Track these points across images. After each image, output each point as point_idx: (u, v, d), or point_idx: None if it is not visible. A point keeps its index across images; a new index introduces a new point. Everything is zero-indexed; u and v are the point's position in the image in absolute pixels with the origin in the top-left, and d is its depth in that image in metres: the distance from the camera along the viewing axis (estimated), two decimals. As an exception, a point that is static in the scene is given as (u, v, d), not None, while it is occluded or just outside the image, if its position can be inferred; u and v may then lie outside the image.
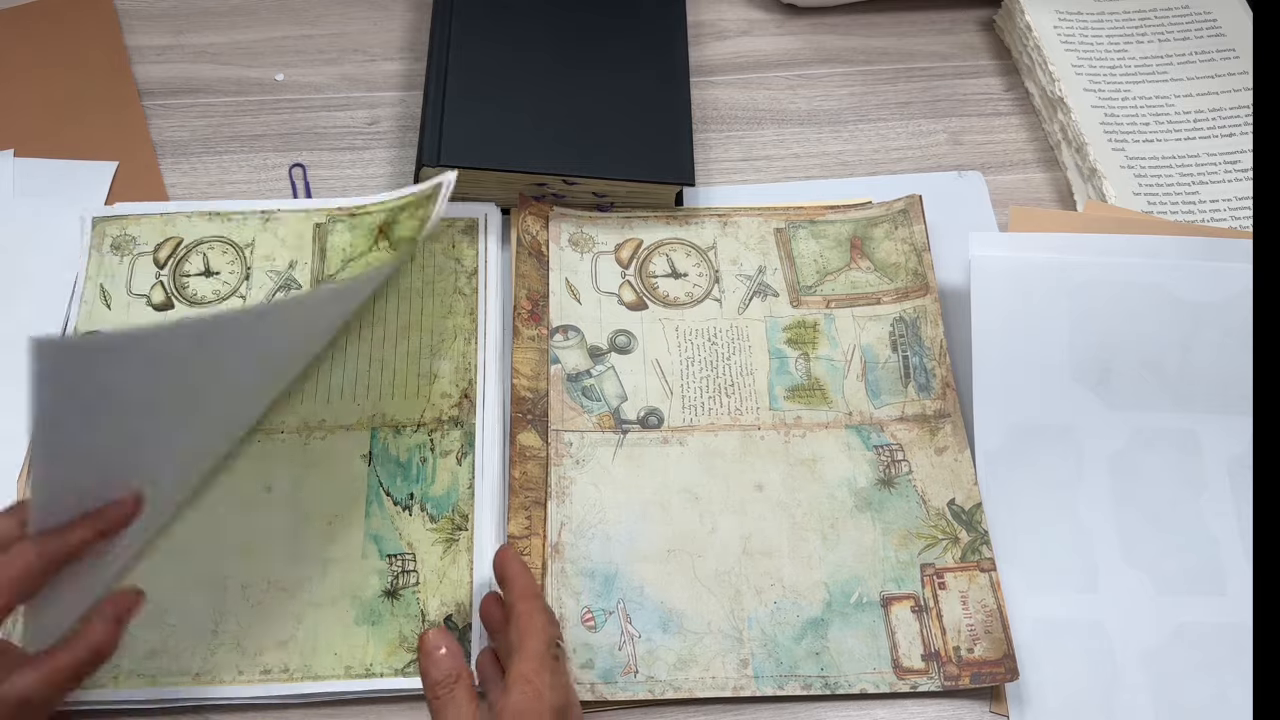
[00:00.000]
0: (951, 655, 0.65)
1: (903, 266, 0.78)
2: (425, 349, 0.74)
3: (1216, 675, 0.65)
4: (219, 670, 0.63)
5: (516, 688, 0.53)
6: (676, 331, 0.76)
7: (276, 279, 0.77)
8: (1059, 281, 0.74)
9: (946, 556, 0.68)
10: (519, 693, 0.53)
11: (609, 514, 0.69)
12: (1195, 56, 0.89)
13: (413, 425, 0.72)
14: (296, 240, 0.78)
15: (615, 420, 0.72)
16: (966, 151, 0.87)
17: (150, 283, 0.76)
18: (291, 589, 0.66)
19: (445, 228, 0.79)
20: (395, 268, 0.72)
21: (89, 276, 0.76)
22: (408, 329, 0.75)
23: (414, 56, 0.91)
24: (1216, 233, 0.77)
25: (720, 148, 0.87)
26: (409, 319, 0.75)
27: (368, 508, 0.69)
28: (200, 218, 0.79)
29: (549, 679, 0.54)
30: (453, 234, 0.79)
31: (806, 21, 0.95)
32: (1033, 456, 0.71)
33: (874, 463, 0.71)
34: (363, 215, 0.79)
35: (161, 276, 0.77)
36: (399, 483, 0.69)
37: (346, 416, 0.72)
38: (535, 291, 0.76)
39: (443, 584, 0.66)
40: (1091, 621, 0.67)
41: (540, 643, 0.55)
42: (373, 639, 0.65)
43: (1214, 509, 0.70)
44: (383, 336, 0.75)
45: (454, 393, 0.73)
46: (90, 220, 0.79)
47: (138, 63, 0.89)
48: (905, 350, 0.75)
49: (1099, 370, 0.73)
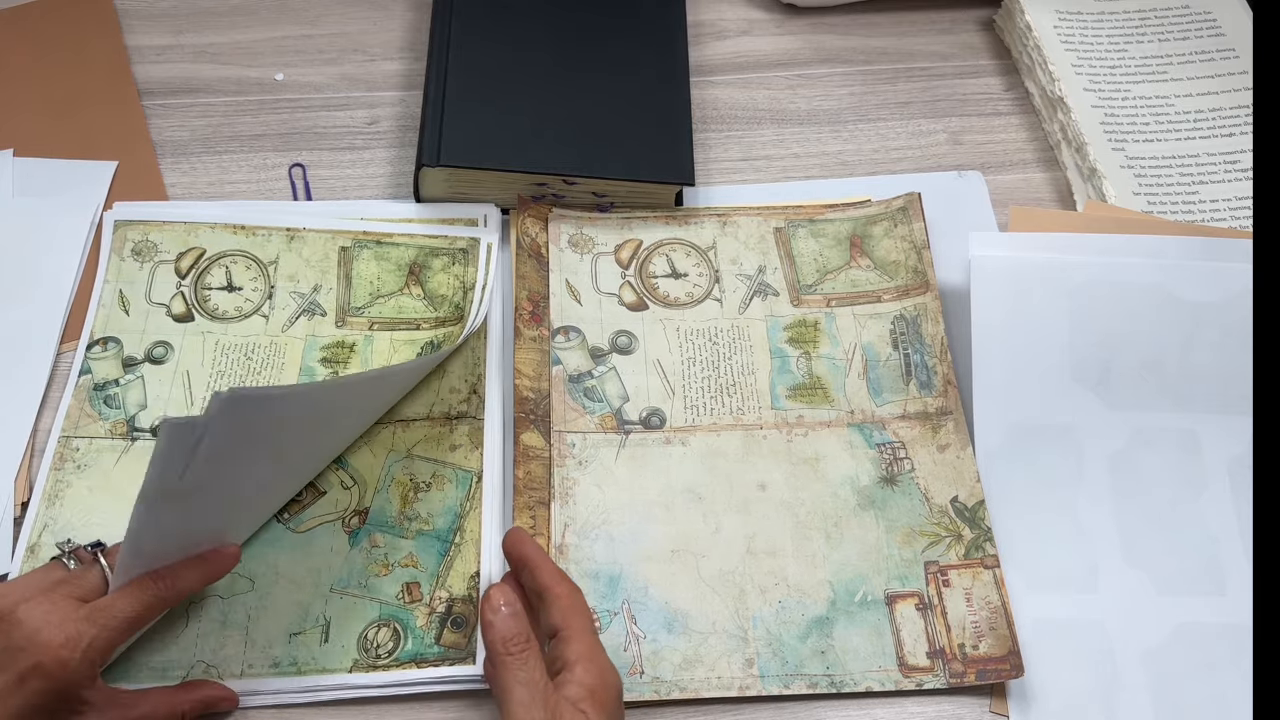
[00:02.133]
0: (956, 652, 0.65)
1: (903, 264, 0.78)
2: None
3: (1216, 675, 0.65)
4: (226, 665, 0.64)
5: (581, 665, 0.54)
6: (677, 332, 0.76)
7: (300, 301, 0.76)
8: (1059, 281, 0.74)
9: (950, 554, 0.68)
10: (584, 670, 0.54)
11: (612, 515, 0.69)
12: (1195, 56, 0.90)
13: (422, 420, 0.72)
14: (321, 261, 0.78)
15: (617, 421, 0.72)
16: (966, 151, 0.87)
17: (171, 292, 0.76)
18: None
19: (447, 245, 0.79)
20: (466, 337, 0.72)
21: (108, 280, 0.76)
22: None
23: (414, 56, 0.91)
24: (1216, 233, 0.77)
25: (720, 148, 0.87)
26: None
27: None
28: (225, 230, 0.79)
29: (607, 658, 0.56)
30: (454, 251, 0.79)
31: (806, 21, 0.95)
32: (1033, 456, 0.71)
33: (876, 461, 0.71)
34: (390, 245, 0.79)
35: (183, 287, 0.76)
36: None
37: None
38: (536, 293, 0.76)
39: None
40: (1092, 621, 0.67)
41: (588, 621, 0.57)
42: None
43: (1214, 509, 0.70)
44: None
45: (463, 388, 0.73)
46: (112, 223, 0.78)
47: (138, 63, 0.89)
48: (906, 348, 0.75)
49: (1099, 370, 0.73)
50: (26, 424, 0.71)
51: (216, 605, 0.65)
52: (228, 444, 0.53)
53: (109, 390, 0.72)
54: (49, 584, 0.56)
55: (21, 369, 0.73)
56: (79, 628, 0.54)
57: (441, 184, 0.79)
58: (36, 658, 0.53)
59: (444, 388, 0.73)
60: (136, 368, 0.73)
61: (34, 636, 0.53)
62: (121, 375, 0.73)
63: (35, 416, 0.71)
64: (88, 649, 0.54)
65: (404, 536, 0.68)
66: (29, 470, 0.69)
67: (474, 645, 0.64)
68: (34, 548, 0.66)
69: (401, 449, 0.71)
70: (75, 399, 0.71)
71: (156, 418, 0.71)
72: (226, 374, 0.73)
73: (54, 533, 0.66)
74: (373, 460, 0.70)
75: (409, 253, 0.78)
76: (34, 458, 0.70)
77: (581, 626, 0.56)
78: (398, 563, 0.67)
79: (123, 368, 0.73)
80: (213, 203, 0.81)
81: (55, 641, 0.53)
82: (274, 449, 0.61)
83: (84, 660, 0.54)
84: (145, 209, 0.80)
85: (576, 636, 0.55)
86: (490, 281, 0.75)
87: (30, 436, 0.70)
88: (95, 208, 0.80)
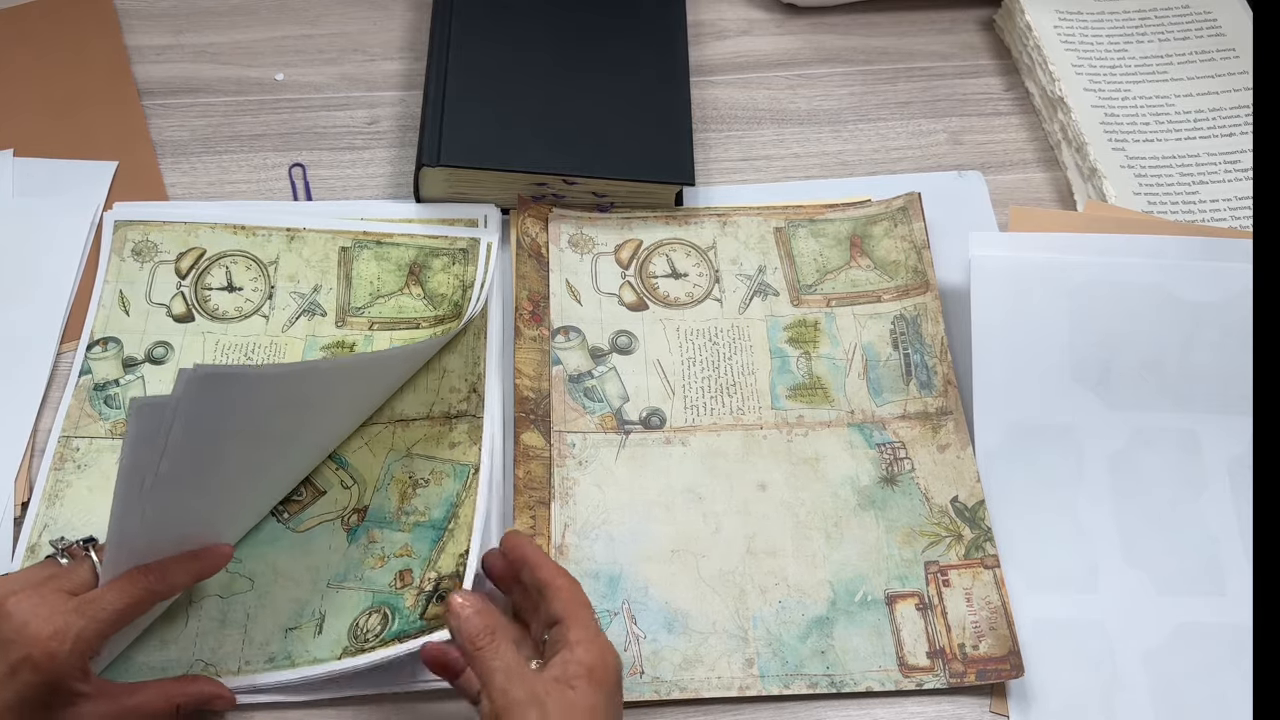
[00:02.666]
0: (957, 652, 0.65)
1: (902, 264, 0.78)
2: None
3: (1216, 675, 0.66)
4: (224, 662, 0.64)
5: (582, 646, 0.54)
6: (677, 332, 0.76)
7: (300, 301, 0.76)
8: (1059, 281, 0.74)
9: (950, 554, 0.68)
10: (585, 650, 0.54)
11: (612, 515, 0.69)
12: (1195, 56, 0.90)
13: (421, 419, 0.72)
14: (321, 262, 0.78)
15: (618, 421, 0.72)
16: (966, 151, 0.87)
17: (171, 293, 0.76)
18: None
19: (447, 245, 0.79)
20: (457, 332, 0.73)
21: (108, 280, 0.76)
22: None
23: (414, 56, 0.91)
24: (1216, 233, 0.77)
25: (720, 147, 0.87)
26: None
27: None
28: (224, 230, 0.79)
29: (607, 640, 0.56)
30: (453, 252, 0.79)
31: (806, 21, 0.95)
32: (1033, 456, 0.71)
33: (876, 461, 0.71)
34: (390, 245, 0.79)
35: (183, 287, 0.76)
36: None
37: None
38: (536, 293, 0.76)
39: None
40: (1092, 621, 0.67)
41: (589, 609, 0.57)
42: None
43: (1214, 509, 0.70)
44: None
45: (462, 387, 0.73)
46: (112, 223, 0.78)
47: (138, 63, 0.89)
48: (906, 348, 0.75)
49: (1099, 370, 0.73)
50: (26, 424, 0.71)
51: (216, 604, 0.65)
52: (204, 425, 0.53)
53: (109, 390, 0.72)
54: (39, 579, 0.56)
55: (21, 369, 0.73)
56: (67, 619, 0.54)
57: (441, 184, 0.79)
58: (25, 650, 0.53)
59: (444, 387, 0.73)
60: (137, 368, 0.73)
61: (22, 629, 0.53)
62: (122, 375, 0.73)
63: (35, 416, 0.71)
64: (76, 640, 0.54)
65: (401, 530, 0.68)
66: (29, 470, 0.69)
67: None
68: (34, 547, 0.66)
69: (401, 448, 0.71)
70: (75, 399, 0.71)
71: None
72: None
73: (54, 533, 0.66)
74: (372, 460, 0.70)
75: (409, 253, 0.78)
76: (34, 458, 0.70)
77: (582, 613, 0.57)
78: (393, 554, 0.67)
79: (123, 368, 0.73)
80: (213, 203, 0.81)
81: (44, 634, 0.53)
82: (259, 434, 0.60)
83: (73, 652, 0.54)
84: (145, 209, 0.80)
85: (577, 622, 0.56)
86: (490, 278, 0.75)
87: (30, 436, 0.70)
88: (95, 208, 0.80)
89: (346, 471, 0.70)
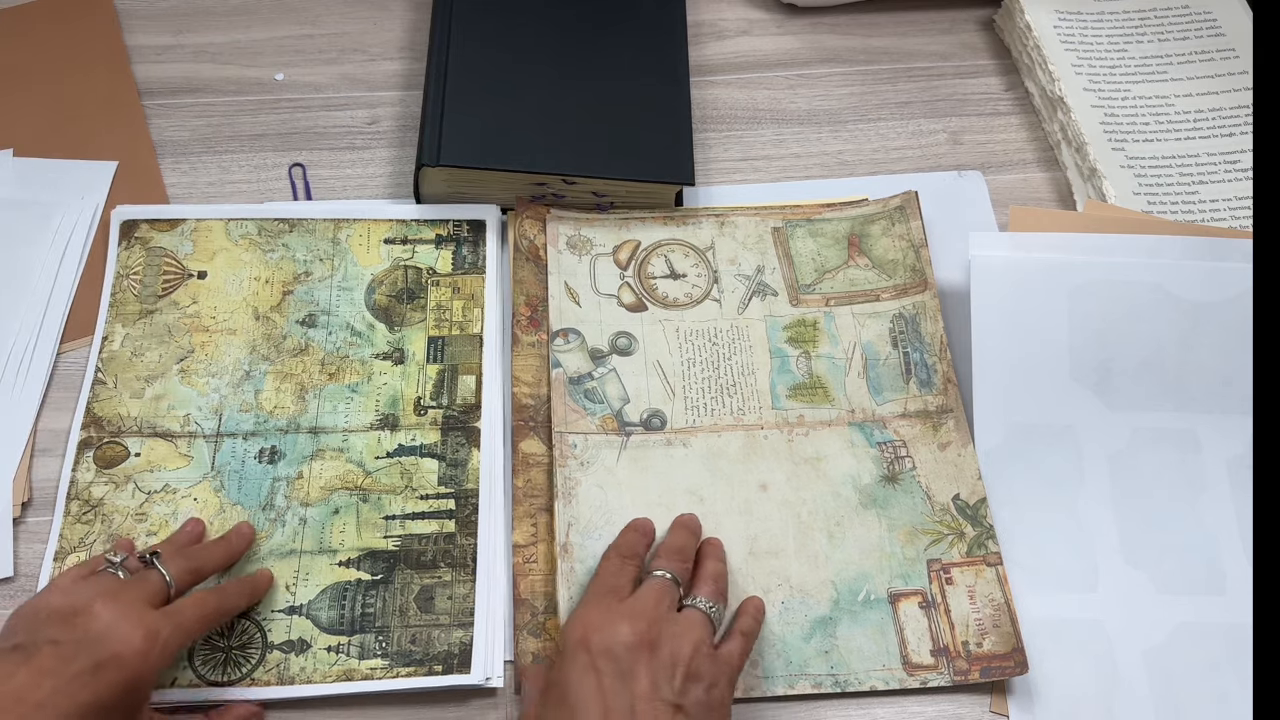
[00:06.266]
0: (960, 650, 0.65)
1: (901, 263, 0.78)
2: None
3: (1216, 674, 0.66)
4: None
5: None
6: (677, 332, 0.76)
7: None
8: (1059, 281, 0.74)
9: (953, 551, 0.68)
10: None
11: (615, 515, 0.69)
12: (1195, 56, 0.90)
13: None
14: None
15: (618, 422, 0.72)
16: (966, 151, 0.87)
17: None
18: None
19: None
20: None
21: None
22: None
23: (414, 56, 0.91)
24: (1216, 233, 0.77)
25: (720, 147, 0.87)
26: None
27: None
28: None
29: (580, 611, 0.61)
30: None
31: (806, 21, 0.95)
32: (1033, 456, 0.71)
33: (878, 459, 0.71)
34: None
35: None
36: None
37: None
38: (534, 297, 0.76)
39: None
40: (1092, 621, 0.67)
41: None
42: None
43: (1214, 509, 0.70)
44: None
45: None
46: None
47: (138, 63, 0.89)
48: (906, 346, 0.75)
49: (1099, 370, 0.73)
50: (26, 424, 0.71)
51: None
52: None
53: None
54: (112, 588, 0.57)
55: (21, 369, 0.73)
56: (157, 622, 0.55)
57: (441, 184, 0.79)
58: (115, 648, 0.53)
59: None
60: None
61: (113, 627, 0.54)
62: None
63: (35, 417, 0.71)
64: (165, 644, 0.55)
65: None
66: (29, 470, 0.69)
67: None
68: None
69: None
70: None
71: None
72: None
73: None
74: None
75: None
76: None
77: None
78: None
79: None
80: (212, 204, 0.81)
81: (136, 634, 0.54)
82: None
83: (161, 655, 0.55)
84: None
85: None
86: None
87: (30, 436, 0.70)
88: (95, 208, 0.80)
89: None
